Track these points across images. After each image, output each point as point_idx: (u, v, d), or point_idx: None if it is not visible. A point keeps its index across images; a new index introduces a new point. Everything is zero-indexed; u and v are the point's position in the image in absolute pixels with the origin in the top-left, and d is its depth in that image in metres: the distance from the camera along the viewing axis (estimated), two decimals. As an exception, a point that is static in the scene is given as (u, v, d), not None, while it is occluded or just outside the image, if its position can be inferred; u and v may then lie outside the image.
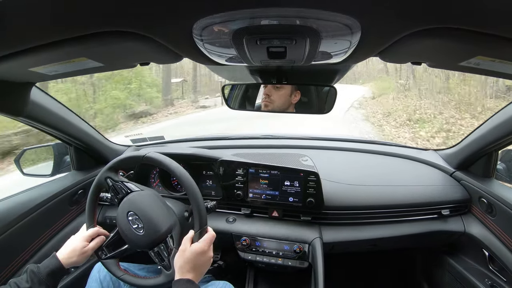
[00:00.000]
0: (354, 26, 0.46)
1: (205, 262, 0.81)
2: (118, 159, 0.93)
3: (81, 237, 0.90)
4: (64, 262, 0.83)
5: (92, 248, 0.90)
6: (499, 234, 1.10)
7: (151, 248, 0.84)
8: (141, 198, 0.89)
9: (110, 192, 0.92)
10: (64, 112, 1.13)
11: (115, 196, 0.91)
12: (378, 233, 1.19)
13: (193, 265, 0.78)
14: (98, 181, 0.93)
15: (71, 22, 0.45)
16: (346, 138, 1.70)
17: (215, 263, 1.31)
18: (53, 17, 0.43)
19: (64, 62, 0.63)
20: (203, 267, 0.81)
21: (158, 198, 0.92)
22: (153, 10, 0.42)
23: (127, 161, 0.93)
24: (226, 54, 0.63)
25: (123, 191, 0.90)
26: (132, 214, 0.86)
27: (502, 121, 1.01)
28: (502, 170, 1.19)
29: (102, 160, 1.35)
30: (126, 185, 0.91)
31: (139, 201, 0.88)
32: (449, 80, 7.87)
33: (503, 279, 1.09)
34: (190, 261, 0.78)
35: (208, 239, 0.83)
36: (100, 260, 0.92)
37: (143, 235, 0.84)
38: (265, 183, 1.19)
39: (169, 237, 0.86)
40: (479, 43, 0.48)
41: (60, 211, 1.20)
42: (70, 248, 0.87)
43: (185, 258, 0.78)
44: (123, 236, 0.89)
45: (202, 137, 1.74)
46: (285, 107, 1.11)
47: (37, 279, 0.76)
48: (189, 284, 0.75)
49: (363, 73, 20.78)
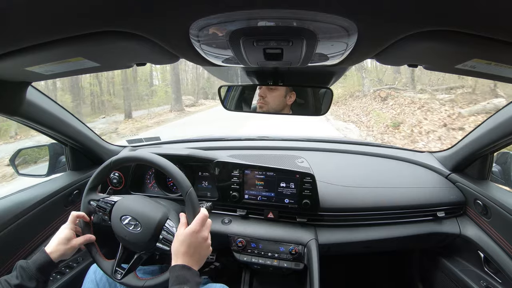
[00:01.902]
0: (351, 28, 0.46)
1: (199, 244, 0.77)
2: (91, 178, 0.97)
3: (63, 226, 0.89)
4: (53, 256, 0.81)
5: (80, 243, 0.89)
6: (494, 236, 1.10)
7: (156, 239, 0.85)
8: (127, 201, 0.92)
9: (98, 212, 0.94)
10: (60, 112, 1.13)
11: (103, 213, 0.92)
12: (373, 235, 1.19)
13: (187, 248, 0.75)
14: (84, 207, 0.96)
15: (67, 21, 0.45)
16: (342, 140, 1.71)
17: (211, 264, 1.30)
18: (50, 16, 0.43)
19: (60, 62, 0.63)
20: (199, 250, 0.77)
21: (143, 197, 0.95)
22: (150, 10, 0.42)
23: (100, 175, 0.96)
24: (223, 55, 0.63)
25: (108, 205, 0.92)
26: (124, 217, 0.87)
27: (498, 123, 1.02)
28: (497, 172, 1.19)
29: (98, 160, 1.35)
30: (107, 199, 0.93)
31: (126, 203, 0.91)
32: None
33: (499, 281, 1.09)
34: (183, 244, 0.76)
35: (200, 218, 0.80)
36: (119, 282, 0.89)
37: (142, 231, 0.85)
38: (261, 185, 1.19)
39: (168, 222, 0.87)
40: (476, 46, 0.49)
41: (55, 211, 1.19)
42: (55, 240, 0.85)
43: (179, 242, 0.76)
44: (127, 245, 0.89)
45: (198, 138, 1.74)
46: (280, 108, 1.10)
47: (26, 275, 0.75)
48: (184, 270, 0.72)
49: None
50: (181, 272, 0.71)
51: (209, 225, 0.83)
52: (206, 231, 0.81)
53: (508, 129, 0.98)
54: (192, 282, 0.70)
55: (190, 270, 0.73)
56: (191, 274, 0.72)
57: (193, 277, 0.71)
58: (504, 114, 0.98)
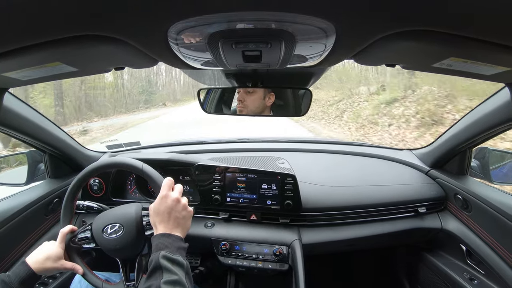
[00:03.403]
0: (329, 29, 0.46)
1: (172, 208, 0.75)
2: (61, 214, 0.96)
3: (54, 243, 0.86)
4: (36, 268, 0.78)
5: (68, 268, 0.85)
6: (475, 229, 1.12)
7: (142, 230, 0.87)
8: (101, 216, 0.93)
9: (83, 245, 0.92)
10: (38, 118, 1.10)
11: (88, 243, 0.91)
12: (357, 233, 1.19)
13: (161, 216, 0.74)
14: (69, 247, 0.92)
15: (44, 26, 0.44)
16: (323, 140, 1.72)
17: (196, 269, 1.29)
18: (26, 21, 0.42)
19: (37, 67, 0.62)
20: (174, 213, 0.75)
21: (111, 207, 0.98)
22: (128, 13, 0.41)
23: (66, 209, 0.96)
24: (202, 58, 0.62)
25: (87, 231, 0.92)
26: (105, 228, 0.88)
27: (475, 120, 1.04)
28: (476, 167, 1.21)
29: (78, 167, 1.32)
30: (84, 228, 0.93)
31: (101, 217, 0.92)
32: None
33: (481, 272, 1.12)
34: (157, 214, 0.75)
35: (165, 184, 0.79)
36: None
37: (125, 230, 0.86)
38: (243, 187, 1.19)
39: (144, 211, 0.89)
40: (452, 44, 0.49)
41: (35, 221, 1.16)
42: (43, 254, 0.82)
43: (152, 214, 0.76)
44: (122, 254, 0.90)
45: (178, 142, 1.73)
46: (260, 110, 1.10)
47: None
48: (164, 238, 0.70)
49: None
50: (160, 240, 0.71)
51: (179, 189, 0.80)
52: (176, 193, 0.78)
53: (485, 125, 1.00)
54: (171, 247, 0.69)
55: (170, 236, 0.72)
56: (171, 240, 0.71)
57: (173, 242, 0.70)
58: (481, 111, 1.00)
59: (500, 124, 0.94)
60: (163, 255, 0.66)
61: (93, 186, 1.26)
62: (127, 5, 0.39)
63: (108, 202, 1.20)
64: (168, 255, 0.66)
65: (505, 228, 0.97)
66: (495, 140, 3.24)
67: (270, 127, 6.01)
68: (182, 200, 0.79)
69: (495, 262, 1.02)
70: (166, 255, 0.66)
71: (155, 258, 0.66)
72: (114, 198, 1.26)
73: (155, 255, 0.67)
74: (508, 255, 0.98)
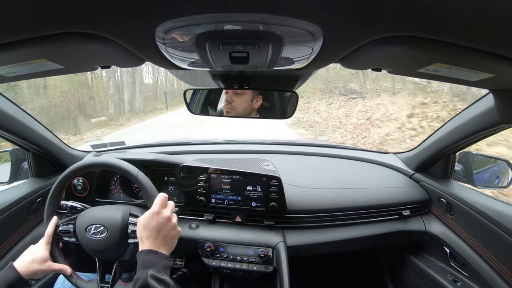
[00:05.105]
0: (316, 33, 0.46)
1: (162, 225, 0.74)
2: (45, 208, 0.95)
3: (41, 245, 0.86)
4: (23, 272, 0.78)
5: (55, 269, 0.85)
6: (458, 231, 1.14)
7: (126, 236, 0.86)
8: (86, 213, 0.93)
9: (63, 238, 0.92)
10: (21, 115, 1.08)
11: (69, 236, 0.91)
12: (341, 235, 1.20)
13: (150, 232, 0.73)
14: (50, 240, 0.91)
15: (29, 22, 0.43)
16: (308, 143, 1.73)
17: (179, 270, 1.29)
18: (11, 17, 0.41)
19: (22, 64, 0.60)
20: (163, 231, 0.74)
21: (101, 206, 0.96)
22: (115, 12, 0.41)
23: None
24: (189, 58, 0.62)
25: (70, 225, 0.91)
26: (89, 227, 0.87)
27: (459, 124, 1.05)
28: (460, 171, 1.23)
29: (62, 166, 1.30)
30: (68, 220, 0.92)
31: (86, 215, 0.91)
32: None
33: (465, 274, 1.13)
34: (145, 228, 0.74)
35: (158, 199, 0.78)
36: None
37: (109, 234, 0.85)
38: (228, 189, 1.18)
39: (131, 218, 0.88)
40: (437, 50, 0.49)
41: (18, 221, 1.14)
42: (29, 257, 0.82)
43: (141, 227, 0.74)
44: (102, 255, 0.89)
45: (163, 143, 1.72)
46: (247, 112, 1.10)
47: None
48: (150, 255, 0.69)
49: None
50: (146, 257, 0.70)
51: (171, 206, 0.80)
52: (168, 211, 0.78)
53: (469, 130, 1.01)
54: (158, 266, 0.68)
55: (157, 254, 0.71)
56: (158, 258, 0.70)
57: (160, 261, 0.70)
58: (465, 116, 1.01)
59: (484, 130, 0.95)
60: (151, 275, 0.65)
61: (77, 186, 1.25)
62: (115, 3, 0.39)
63: (92, 202, 1.18)
64: (156, 275, 0.66)
65: (488, 231, 0.98)
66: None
67: (270, 127, 6.01)
68: (173, 219, 0.78)
69: (478, 264, 1.04)
70: (154, 274, 0.66)
71: (143, 277, 0.65)
72: (98, 199, 1.25)
73: (142, 273, 0.66)
74: (491, 257, 0.99)
